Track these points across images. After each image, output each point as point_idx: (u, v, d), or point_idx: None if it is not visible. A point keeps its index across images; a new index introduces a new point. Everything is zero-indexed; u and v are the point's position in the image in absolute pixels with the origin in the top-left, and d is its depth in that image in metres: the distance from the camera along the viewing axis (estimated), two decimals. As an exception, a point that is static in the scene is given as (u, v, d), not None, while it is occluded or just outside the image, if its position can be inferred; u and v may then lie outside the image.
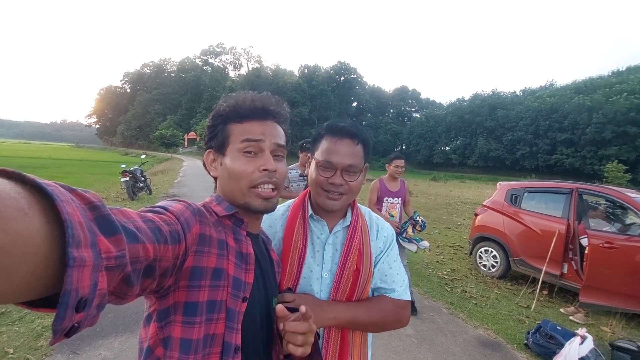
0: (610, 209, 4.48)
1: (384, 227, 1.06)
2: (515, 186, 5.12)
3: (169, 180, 14.66)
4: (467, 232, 7.25)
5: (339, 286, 0.93)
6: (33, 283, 0.30)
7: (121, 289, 0.42)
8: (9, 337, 2.54)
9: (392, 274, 1.00)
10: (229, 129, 0.73)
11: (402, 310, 0.97)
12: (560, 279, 4.14)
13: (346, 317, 0.90)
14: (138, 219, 0.47)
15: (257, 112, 0.73)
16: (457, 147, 59.63)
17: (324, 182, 0.92)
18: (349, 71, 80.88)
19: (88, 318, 0.34)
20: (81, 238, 0.32)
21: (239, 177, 0.71)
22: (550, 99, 48.06)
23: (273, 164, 0.72)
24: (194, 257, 0.60)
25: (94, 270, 0.33)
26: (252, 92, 0.77)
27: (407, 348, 2.90)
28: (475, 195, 16.66)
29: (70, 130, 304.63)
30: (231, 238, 0.69)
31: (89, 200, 0.36)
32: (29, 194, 0.31)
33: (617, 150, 38.22)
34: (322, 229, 0.99)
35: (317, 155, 0.96)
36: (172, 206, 0.60)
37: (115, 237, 0.37)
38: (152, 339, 0.61)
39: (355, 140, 0.93)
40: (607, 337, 3.30)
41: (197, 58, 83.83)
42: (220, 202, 0.73)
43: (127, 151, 61.70)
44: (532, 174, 41.60)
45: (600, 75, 54.53)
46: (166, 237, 0.51)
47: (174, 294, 0.60)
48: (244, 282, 0.67)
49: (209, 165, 0.77)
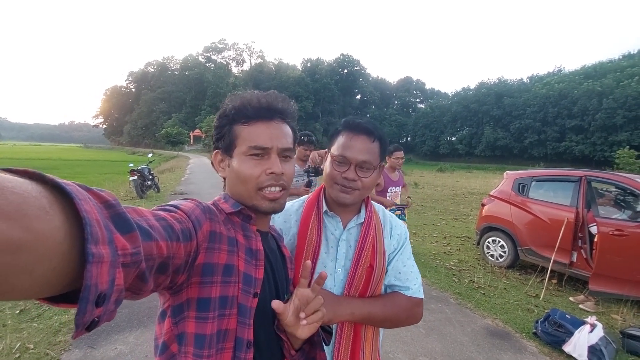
0: (621, 196, 4.41)
1: (398, 225, 1.07)
2: (522, 175, 5.06)
3: (176, 178, 14.81)
4: (474, 222, 7.21)
5: (353, 282, 0.94)
6: (54, 279, 0.31)
7: (136, 285, 0.43)
8: (29, 334, 2.63)
9: (406, 272, 1.00)
10: (236, 131, 0.73)
11: (416, 308, 0.99)
12: (570, 268, 4.11)
13: (362, 312, 0.91)
14: (151, 218, 0.48)
15: (264, 112, 0.73)
16: (463, 137, 58.95)
17: (337, 176, 0.94)
18: (352, 63, 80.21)
19: (107, 312, 0.35)
20: (99, 235, 0.33)
21: (246, 180, 0.72)
22: (559, 85, 47.04)
23: (280, 167, 0.72)
24: (205, 254, 0.61)
25: (112, 266, 0.34)
26: (258, 91, 0.76)
27: (416, 338, 2.93)
28: (482, 185, 16.50)
29: (78, 131, 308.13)
30: (240, 235, 0.70)
31: (105, 199, 0.38)
32: (49, 193, 0.32)
33: (628, 135, 37.39)
34: (336, 225, 1.00)
35: (333, 150, 0.97)
36: (183, 205, 0.61)
37: (130, 234, 0.38)
38: (167, 334, 0.63)
39: (371, 137, 0.94)
40: (618, 325, 3.28)
41: (200, 55, 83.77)
42: (227, 199, 0.74)
43: (134, 150, 62.44)
44: (540, 162, 41.09)
45: (610, 59, 53.07)
46: (178, 235, 0.52)
47: (187, 290, 0.61)
48: (254, 278, 0.68)
49: (217, 165, 0.78)
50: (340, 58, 79.86)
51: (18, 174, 0.32)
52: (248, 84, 77.29)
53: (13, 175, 0.31)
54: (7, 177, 0.29)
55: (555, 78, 52.68)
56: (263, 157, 0.72)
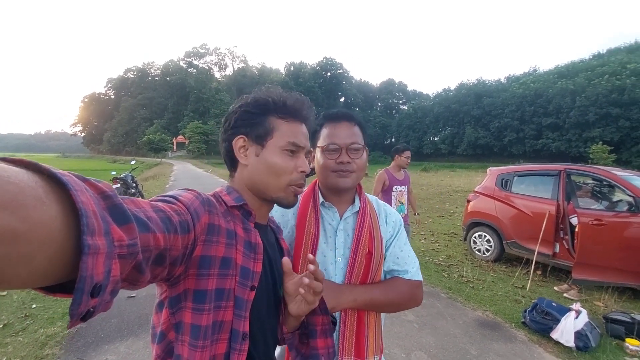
0: (598, 188, 4.62)
1: (392, 212, 1.11)
2: (504, 171, 5.22)
3: (161, 185, 14.51)
4: (460, 219, 7.37)
5: (353, 270, 0.97)
6: (50, 269, 0.31)
7: (133, 276, 0.43)
8: (14, 348, 2.52)
9: (404, 257, 1.04)
10: (273, 123, 0.74)
11: (416, 290, 1.02)
12: (553, 259, 4.26)
13: (364, 299, 0.94)
14: (149, 209, 0.47)
15: (302, 115, 0.78)
16: (445, 136, 60.14)
17: (331, 164, 0.97)
18: (335, 67, 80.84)
19: (102, 303, 0.35)
20: (95, 226, 0.33)
21: (280, 173, 0.74)
22: (534, 85, 48.70)
23: (308, 166, 0.77)
24: (203, 246, 0.61)
25: (108, 257, 0.34)
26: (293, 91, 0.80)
27: (409, 333, 2.97)
28: (465, 183, 16.90)
29: (55, 140, 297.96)
30: (240, 228, 0.70)
31: (101, 189, 0.38)
32: (46, 183, 0.31)
33: (601, 131, 38.97)
34: (332, 215, 1.03)
35: (320, 143, 1.00)
36: (182, 196, 0.61)
37: (127, 225, 0.38)
38: (165, 324, 0.63)
39: (352, 122, 1.01)
40: (601, 311, 3.42)
41: (181, 60, 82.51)
42: (230, 192, 0.74)
43: (115, 158, 60.81)
44: (519, 159, 42.24)
45: (581, 59, 55.56)
46: (176, 226, 0.52)
47: (184, 281, 0.61)
48: (252, 271, 0.69)
49: (238, 151, 0.75)
50: (323, 61, 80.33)
51: (14, 163, 0.32)
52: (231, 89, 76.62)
53: (9, 164, 0.31)
54: (3, 167, 0.29)
55: (531, 78, 54.48)
56: (294, 154, 0.76)
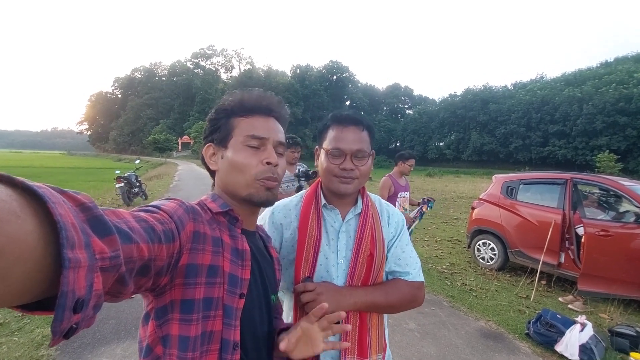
0: (605, 198, 4.54)
1: (394, 213, 1.10)
2: (510, 178, 5.16)
3: (165, 185, 14.57)
4: (464, 226, 7.30)
5: (355, 271, 0.97)
6: (28, 286, 0.30)
7: (116, 289, 0.42)
8: (9, 348, 2.51)
9: (406, 258, 1.03)
10: (233, 123, 0.74)
11: (417, 291, 1.02)
12: (558, 269, 4.18)
13: (365, 301, 0.94)
14: (131, 219, 0.46)
15: (262, 108, 0.76)
16: (450, 142, 59.83)
17: (335, 169, 0.96)
18: (341, 70, 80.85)
19: (85, 319, 0.34)
20: (75, 239, 0.31)
21: (243, 169, 0.72)
22: (541, 92, 48.35)
23: (276, 157, 0.74)
24: (189, 254, 0.60)
25: (89, 271, 0.33)
26: (258, 88, 0.79)
27: (410, 342, 2.92)
28: (470, 189, 16.78)
29: (61, 137, 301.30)
30: (226, 235, 0.69)
31: (80, 201, 0.36)
32: (20, 196, 0.30)
33: (608, 140, 38.60)
34: (335, 217, 1.02)
35: (325, 145, 0.99)
36: (165, 205, 0.60)
37: (108, 237, 0.37)
38: (151, 337, 0.62)
39: (360, 126, 0.98)
40: (606, 324, 3.35)
41: (188, 61, 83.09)
42: (215, 199, 0.73)
43: (120, 157, 61.19)
44: (525, 166, 41.91)
45: (589, 66, 55.06)
46: (160, 236, 0.51)
47: (170, 291, 0.60)
48: (240, 279, 0.67)
49: (209, 159, 0.77)
50: (329, 64, 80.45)
51: None
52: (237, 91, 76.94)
53: None
54: None
55: (538, 85, 54.16)
56: (259, 148, 0.73)
